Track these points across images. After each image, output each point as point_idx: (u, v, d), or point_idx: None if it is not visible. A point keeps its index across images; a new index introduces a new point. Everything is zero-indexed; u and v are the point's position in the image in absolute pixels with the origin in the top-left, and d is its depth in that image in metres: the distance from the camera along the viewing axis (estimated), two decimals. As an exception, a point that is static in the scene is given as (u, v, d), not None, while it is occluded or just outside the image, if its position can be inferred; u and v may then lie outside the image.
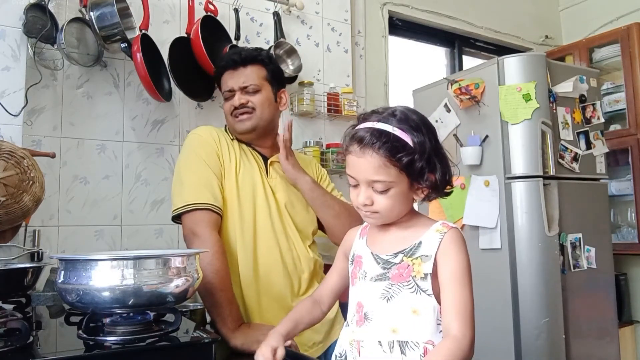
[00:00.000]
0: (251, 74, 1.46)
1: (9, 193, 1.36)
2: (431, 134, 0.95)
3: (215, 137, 1.44)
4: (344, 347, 0.99)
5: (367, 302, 0.96)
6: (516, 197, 2.17)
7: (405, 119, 0.94)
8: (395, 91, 2.98)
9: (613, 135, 2.98)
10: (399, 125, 0.92)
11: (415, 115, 0.96)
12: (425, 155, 0.91)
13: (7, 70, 1.77)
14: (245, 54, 1.47)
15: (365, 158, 0.91)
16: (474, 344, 0.87)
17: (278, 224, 1.42)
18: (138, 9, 2.00)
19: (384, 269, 0.95)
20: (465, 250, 0.94)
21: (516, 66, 2.23)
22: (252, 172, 1.43)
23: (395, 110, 0.96)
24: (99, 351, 0.92)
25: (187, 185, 1.37)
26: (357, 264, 1.01)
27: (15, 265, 1.25)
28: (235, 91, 1.45)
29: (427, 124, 0.96)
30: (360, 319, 0.96)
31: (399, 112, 0.95)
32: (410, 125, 0.93)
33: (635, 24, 3.01)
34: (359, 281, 0.99)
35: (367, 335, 0.94)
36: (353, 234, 1.07)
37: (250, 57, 1.47)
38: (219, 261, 1.28)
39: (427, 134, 0.93)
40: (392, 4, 2.99)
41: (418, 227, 0.97)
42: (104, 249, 1.97)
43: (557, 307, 2.12)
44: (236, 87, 1.45)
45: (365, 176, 0.93)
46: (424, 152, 0.91)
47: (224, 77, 1.48)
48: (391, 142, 0.90)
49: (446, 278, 0.90)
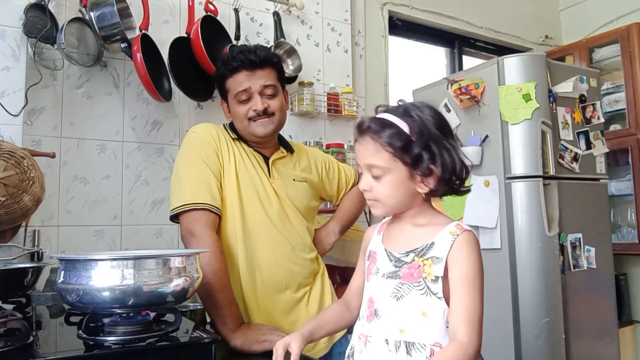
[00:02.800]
0: (269, 76, 1.41)
1: (9, 193, 1.36)
2: (436, 124, 0.94)
3: (214, 135, 1.41)
4: (355, 341, 1.01)
5: (378, 299, 0.97)
6: (516, 197, 2.17)
7: (406, 109, 0.95)
8: (395, 91, 2.98)
9: (613, 135, 2.98)
10: (396, 113, 0.94)
11: (421, 106, 0.96)
12: (422, 142, 0.92)
13: (7, 70, 1.77)
14: (263, 55, 1.41)
15: (362, 143, 0.95)
16: (479, 350, 0.87)
17: (281, 225, 1.41)
18: (138, 9, 2.00)
19: (395, 266, 0.96)
20: (478, 254, 0.94)
21: (516, 66, 2.23)
22: (253, 173, 1.42)
23: (404, 103, 0.98)
24: (99, 351, 0.92)
25: (185, 184, 1.35)
26: (372, 259, 1.02)
27: (15, 265, 1.25)
28: (252, 93, 1.40)
29: (433, 115, 0.95)
30: (371, 315, 0.97)
31: (404, 103, 0.97)
32: (408, 114, 0.94)
33: (635, 24, 3.01)
34: (373, 277, 1.00)
35: (375, 331, 0.95)
36: (371, 231, 1.09)
37: (267, 59, 1.42)
38: (217, 261, 1.27)
39: (428, 123, 0.93)
40: (392, 4, 2.99)
41: (433, 226, 0.97)
42: (104, 249, 1.97)
43: (557, 307, 2.12)
44: (255, 89, 1.39)
45: (363, 161, 0.96)
46: (420, 139, 0.92)
47: (238, 77, 1.40)
48: (385, 127, 0.93)
49: (456, 282, 0.90)
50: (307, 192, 1.50)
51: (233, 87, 1.41)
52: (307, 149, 1.64)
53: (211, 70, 2.10)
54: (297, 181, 1.49)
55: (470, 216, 2.28)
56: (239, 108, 1.41)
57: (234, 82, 1.41)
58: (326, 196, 1.62)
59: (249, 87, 1.39)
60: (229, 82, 1.42)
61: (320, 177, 1.57)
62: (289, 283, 1.39)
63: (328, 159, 1.65)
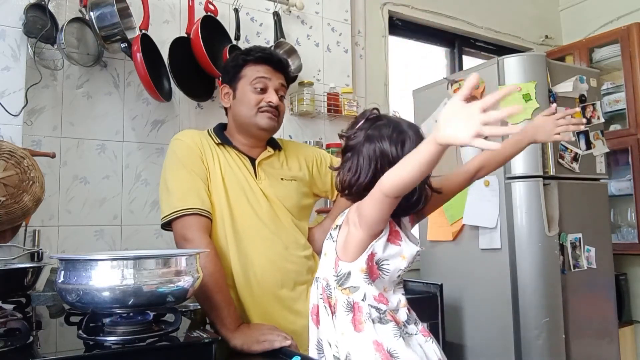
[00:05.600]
0: (284, 81, 1.51)
1: (9, 193, 1.36)
2: (377, 138, 1.08)
3: (197, 141, 1.43)
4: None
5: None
6: (516, 197, 2.17)
7: (377, 119, 1.13)
8: (395, 91, 2.98)
9: (613, 135, 2.98)
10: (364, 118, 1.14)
11: (387, 121, 1.12)
12: (350, 143, 1.13)
13: (7, 70, 1.77)
14: (285, 62, 1.54)
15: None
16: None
17: (272, 225, 1.41)
18: (138, 9, 2.00)
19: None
20: None
21: (516, 66, 2.23)
22: (239, 175, 1.42)
23: (387, 117, 1.15)
24: (99, 351, 0.92)
25: (173, 191, 1.36)
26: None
27: (15, 265, 1.25)
28: (269, 86, 1.45)
29: (389, 132, 1.09)
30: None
31: (379, 121, 1.13)
32: (371, 122, 1.12)
33: (635, 24, 3.01)
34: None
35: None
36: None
37: (287, 67, 1.54)
38: (212, 264, 1.28)
39: (371, 135, 1.09)
40: (392, 4, 2.99)
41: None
42: (104, 249, 1.97)
43: (557, 307, 2.12)
44: (273, 85, 1.46)
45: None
46: (355, 140, 1.12)
47: (260, 68, 1.45)
48: (351, 123, 1.17)
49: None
50: (297, 190, 1.50)
51: (251, 74, 1.45)
52: (298, 146, 1.65)
53: (211, 70, 2.10)
54: (286, 180, 1.49)
55: (470, 216, 2.28)
56: (252, 95, 1.45)
57: (254, 70, 1.45)
58: (319, 192, 1.62)
59: (270, 79, 1.45)
60: (248, 68, 1.46)
61: (311, 173, 1.57)
62: (284, 282, 1.39)
63: (320, 154, 1.65)
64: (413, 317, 1.14)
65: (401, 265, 1.09)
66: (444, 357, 1.12)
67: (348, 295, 1.07)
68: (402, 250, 1.08)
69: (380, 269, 1.07)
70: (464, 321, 2.34)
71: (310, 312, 1.17)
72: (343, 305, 1.07)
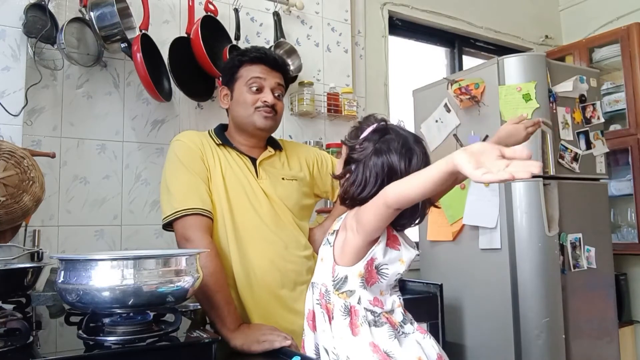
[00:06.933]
0: (281, 80, 1.51)
1: (9, 193, 1.36)
2: (386, 153, 1.06)
3: (198, 142, 1.44)
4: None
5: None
6: (516, 197, 2.17)
7: (385, 131, 1.09)
8: (395, 91, 2.98)
9: (613, 135, 2.98)
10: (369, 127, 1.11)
11: (395, 135, 1.08)
12: (356, 155, 1.09)
13: (7, 70, 1.77)
14: (281, 61, 1.54)
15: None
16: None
17: (272, 224, 1.41)
18: (138, 9, 2.00)
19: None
20: None
21: (516, 66, 2.23)
22: (240, 175, 1.43)
23: (394, 128, 1.12)
24: (99, 351, 0.92)
25: (174, 192, 1.37)
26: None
27: (15, 265, 1.25)
28: (265, 86, 1.45)
29: (397, 147, 1.06)
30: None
31: (392, 125, 1.12)
32: (379, 135, 1.09)
33: (635, 24, 3.01)
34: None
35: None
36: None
37: (284, 65, 1.55)
38: (212, 263, 1.28)
39: (380, 149, 1.06)
40: (392, 4, 2.99)
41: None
42: (104, 249, 1.97)
43: (557, 307, 2.12)
44: (268, 86, 1.46)
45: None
46: (361, 152, 1.08)
47: (255, 68, 1.46)
48: (355, 130, 1.14)
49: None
50: (298, 190, 1.51)
51: (247, 74, 1.46)
52: (299, 147, 1.65)
53: (211, 70, 2.10)
54: (287, 180, 1.50)
55: (470, 216, 2.28)
56: (248, 95, 1.45)
57: (249, 70, 1.46)
58: (320, 192, 1.62)
59: (265, 78, 1.45)
60: (244, 69, 1.47)
61: (312, 173, 1.58)
62: (285, 282, 1.39)
63: (321, 155, 1.65)
64: (409, 317, 1.15)
65: (400, 269, 1.09)
66: (443, 352, 1.13)
67: (345, 299, 1.07)
68: (402, 255, 1.08)
69: (380, 273, 1.07)
70: (463, 321, 2.34)
71: (306, 317, 1.16)
72: (340, 310, 1.07)
